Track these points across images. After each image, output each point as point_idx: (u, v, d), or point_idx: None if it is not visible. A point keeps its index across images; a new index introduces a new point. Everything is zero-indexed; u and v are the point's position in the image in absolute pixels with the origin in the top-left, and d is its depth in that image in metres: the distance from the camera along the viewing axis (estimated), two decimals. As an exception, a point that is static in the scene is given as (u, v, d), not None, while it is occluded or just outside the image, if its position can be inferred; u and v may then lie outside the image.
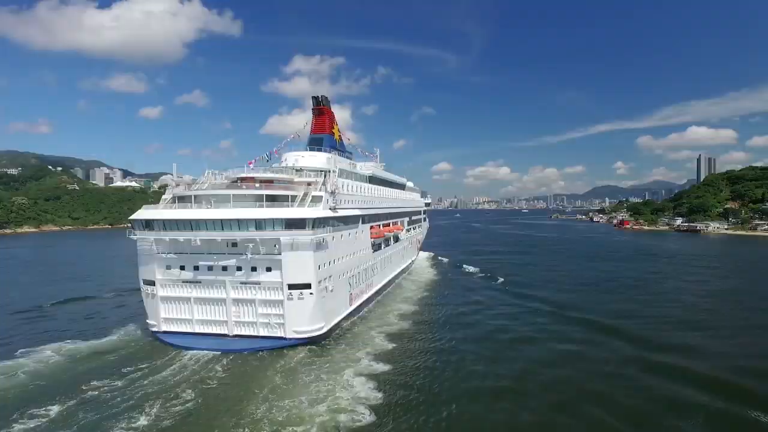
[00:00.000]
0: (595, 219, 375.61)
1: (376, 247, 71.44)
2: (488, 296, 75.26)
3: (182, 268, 50.10)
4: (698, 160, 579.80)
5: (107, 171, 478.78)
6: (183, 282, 50.26)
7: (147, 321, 51.95)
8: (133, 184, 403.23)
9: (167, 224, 48.74)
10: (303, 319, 47.92)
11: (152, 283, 50.75)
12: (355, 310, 59.65)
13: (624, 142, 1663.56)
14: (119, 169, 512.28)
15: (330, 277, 51.50)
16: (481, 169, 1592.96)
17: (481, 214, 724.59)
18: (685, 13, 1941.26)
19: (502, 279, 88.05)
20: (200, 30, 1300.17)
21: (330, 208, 52.12)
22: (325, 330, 49.78)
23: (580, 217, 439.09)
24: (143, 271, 51.47)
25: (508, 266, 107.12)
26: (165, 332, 50.55)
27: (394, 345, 47.83)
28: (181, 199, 52.56)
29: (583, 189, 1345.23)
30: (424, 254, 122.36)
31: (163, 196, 55.20)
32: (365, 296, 64.51)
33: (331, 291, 51.45)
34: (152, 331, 51.05)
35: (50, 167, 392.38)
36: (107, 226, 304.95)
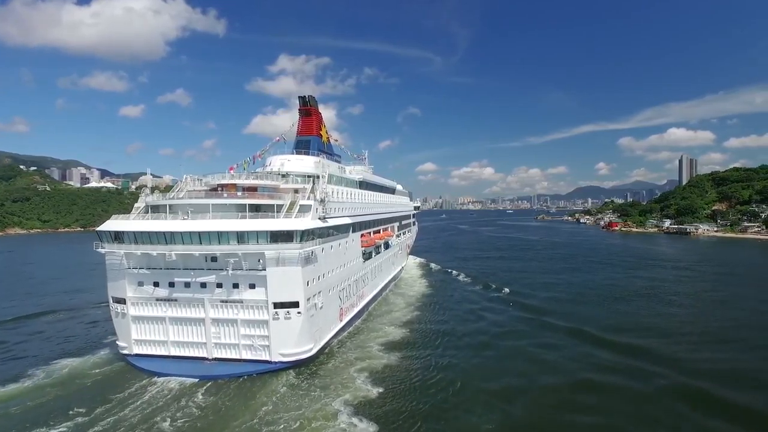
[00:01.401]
0: (581, 220, 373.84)
1: (366, 256, 67.54)
2: (493, 312, 67.15)
3: (156, 284, 45.60)
4: (680, 161, 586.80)
5: (84, 171, 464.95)
6: (157, 300, 45.81)
7: (117, 342, 47.30)
8: (108, 184, 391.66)
9: (139, 237, 44.12)
10: (290, 341, 43.83)
11: (122, 301, 46.14)
12: (346, 325, 55.73)
13: (605, 143, 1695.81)
14: (97, 169, 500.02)
15: (319, 293, 47.43)
16: (465, 170, 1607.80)
17: (467, 214, 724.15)
18: (664, 18, 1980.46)
19: (507, 290, 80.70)
20: (183, 28, 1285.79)
21: (319, 218, 48.08)
22: (314, 351, 45.78)
23: (567, 218, 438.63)
24: (112, 287, 46.76)
25: (506, 274, 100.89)
26: (137, 355, 46.06)
27: (380, 390, 38.45)
28: (155, 209, 47.88)
29: (566, 189, 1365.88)
30: (413, 260, 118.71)
31: (136, 205, 50.48)
32: (356, 309, 60.68)
33: (321, 308, 47.46)
34: (123, 354, 46.45)
35: (23, 167, 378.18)
36: (79, 228, 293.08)
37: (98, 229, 46.45)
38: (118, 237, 45.09)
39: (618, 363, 46.07)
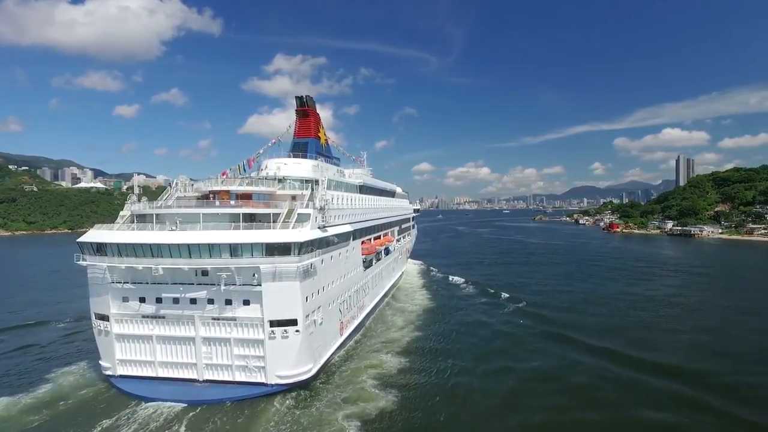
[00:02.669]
0: (580, 221, 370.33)
1: (367, 264, 64.34)
2: (508, 330, 60.28)
3: (142, 300, 42.21)
4: (677, 161, 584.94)
5: (75, 171, 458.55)
6: (143, 317, 42.42)
7: (100, 362, 43.88)
8: (98, 185, 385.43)
9: (123, 249, 40.61)
10: (288, 362, 40.63)
11: (105, 318, 42.69)
12: (346, 339, 52.58)
13: (601, 143, 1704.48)
14: (90, 169, 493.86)
15: (319, 308, 44.20)
16: (461, 170, 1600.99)
17: (463, 215, 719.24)
18: (658, 19, 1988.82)
19: (524, 303, 73.33)
20: (179, 27, 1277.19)
21: (319, 227, 44.74)
22: (313, 372, 42.64)
23: (565, 218, 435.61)
24: (95, 303, 43.30)
25: (514, 282, 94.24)
26: (121, 377, 42.69)
27: None
28: (141, 218, 44.34)
29: (562, 189, 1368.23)
30: (412, 264, 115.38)
31: (121, 213, 47.07)
32: (357, 321, 57.56)
33: (321, 324, 44.18)
34: (106, 375, 43.03)
35: (12, 167, 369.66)
36: (67, 230, 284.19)
37: (79, 240, 42.92)
38: (100, 249, 41.57)
39: (665, 390, 40.73)
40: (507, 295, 79.48)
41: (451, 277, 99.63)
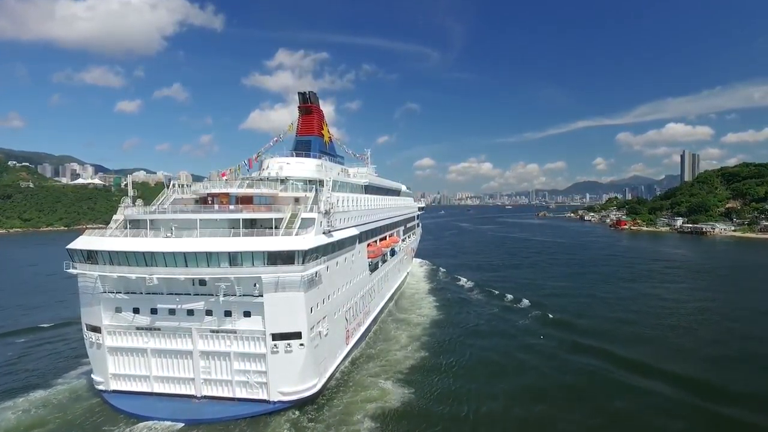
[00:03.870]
0: (586, 218, 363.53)
1: (372, 267, 61.65)
2: (534, 343, 54.14)
3: (136, 311, 39.70)
4: (682, 156, 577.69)
5: (76, 167, 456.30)
6: (137, 329, 39.90)
7: (92, 377, 41.44)
8: (96, 181, 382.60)
9: (114, 257, 37.97)
10: (291, 377, 38.13)
11: (98, 330, 40.15)
12: (353, 347, 50.09)
13: (603, 139, 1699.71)
14: (91, 165, 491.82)
15: (324, 318, 41.57)
16: (463, 165, 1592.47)
17: (465, 211, 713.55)
18: (660, 14, 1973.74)
19: (543, 310, 66.96)
20: (180, 23, 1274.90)
21: (324, 232, 41.98)
22: (318, 387, 40.11)
23: (569, 215, 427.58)
24: (86, 313, 40.84)
25: (527, 287, 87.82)
26: (115, 392, 40.27)
27: None
28: (135, 224, 41.64)
29: (564, 185, 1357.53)
30: (417, 265, 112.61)
31: (114, 217, 44.49)
32: (363, 328, 55.03)
33: (326, 335, 41.55)
34: (98, 390, 40.59)
35: (10, 163, 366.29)
36: (63, 227, 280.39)
37: (69, 246, 40.30)
38: (91, 256, 38.94)
39: (721, 417, 36.88)
40: (528, 302, 73.65)
41: (459, 280, 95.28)
